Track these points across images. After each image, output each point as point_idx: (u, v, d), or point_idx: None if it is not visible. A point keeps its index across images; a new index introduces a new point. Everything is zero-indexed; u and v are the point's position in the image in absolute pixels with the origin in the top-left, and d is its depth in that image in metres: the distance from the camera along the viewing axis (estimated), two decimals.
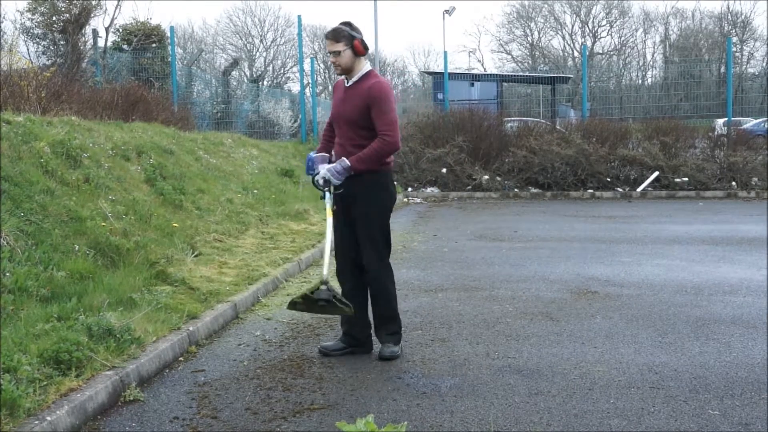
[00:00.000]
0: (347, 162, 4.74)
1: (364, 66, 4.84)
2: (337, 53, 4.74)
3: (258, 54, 58.18)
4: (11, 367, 3.77)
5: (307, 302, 4.73)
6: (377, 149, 4.72)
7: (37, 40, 17.50)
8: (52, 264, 5.53)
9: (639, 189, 16.47)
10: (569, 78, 27.53)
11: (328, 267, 4.75)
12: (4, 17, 24.45)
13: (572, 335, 5.33)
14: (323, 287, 4.64)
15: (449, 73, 21.05)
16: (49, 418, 3.49)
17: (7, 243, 5.42)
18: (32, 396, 3.62)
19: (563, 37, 57.96)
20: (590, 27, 57.06)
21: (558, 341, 5.19)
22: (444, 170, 17.28)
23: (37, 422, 3.43)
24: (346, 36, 4.73)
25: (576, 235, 10.42)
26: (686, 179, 16.47)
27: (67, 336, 4.28)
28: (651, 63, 55.85)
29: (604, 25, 57.09)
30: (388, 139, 4.71)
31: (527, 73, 39.56)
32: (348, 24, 4.81)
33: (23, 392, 3.57)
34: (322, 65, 56.64)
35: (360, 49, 4.75)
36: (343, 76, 4.92)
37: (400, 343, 5.01)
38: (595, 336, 5.30)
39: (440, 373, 4.57)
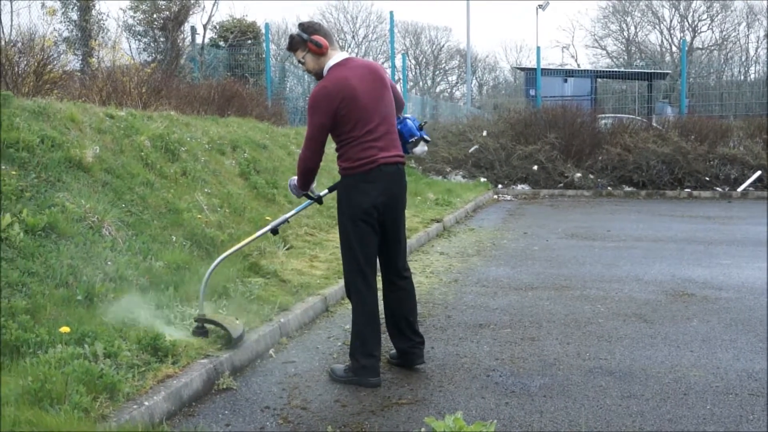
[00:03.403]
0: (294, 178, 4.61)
1: (327, 65, 4.34)
2: (302, 62, 4.40)
3: (350, 50, 58.72)
4: (112, 353, 3.92)
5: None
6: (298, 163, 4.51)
7: (139, 37, 18.08)
8: (151, 254, 5.73)
9: (740, 189, 15.85)
10: (667, 74, 26.73)
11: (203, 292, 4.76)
12: (108, 15, 25.31)
13: (667, 338, 5.18)
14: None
15: (542, 69, 20.74)
16: (146, 403, 3.61)
17: (109, 233, 5.64)
18: (131, 381, 3.75)
19: (661, 32, 56.22)
20: (690, 21, 55.23)
21: (652, 344, 5.06)
22: (535, 167, 17.04)
23: (135, 406, 3.55)
24: (299, 42, 4.34)
25: (672, 235, 10.11)
26: None
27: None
28: (754, 58, 53.49)
29: (704, 19, 55.13)
30: (300, 154, 4.41)
31: (623, 69, 38.56)
32: (301, 26, 4.40)
33: (123, 377, 3.71)
34: (413, 61, 56.69)
35: (314, 49, 4.29)
36: None
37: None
38: (691, 339, 5.14)
39: (529, 372, 4.52)
